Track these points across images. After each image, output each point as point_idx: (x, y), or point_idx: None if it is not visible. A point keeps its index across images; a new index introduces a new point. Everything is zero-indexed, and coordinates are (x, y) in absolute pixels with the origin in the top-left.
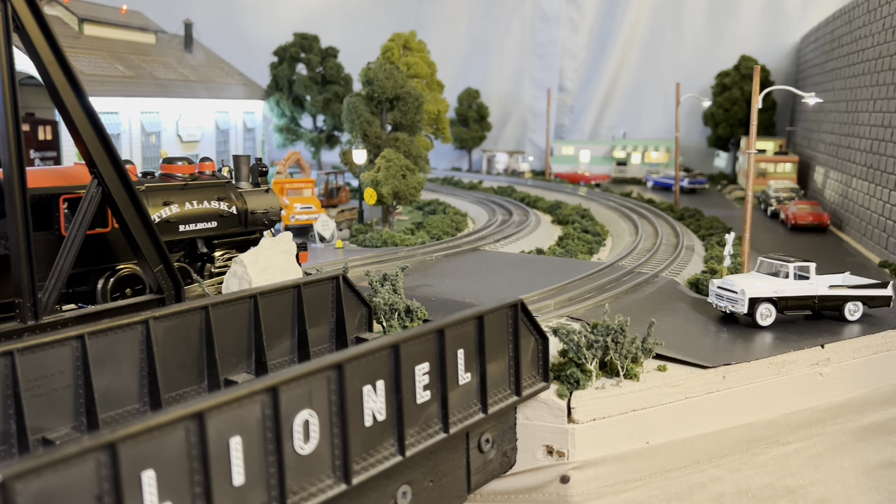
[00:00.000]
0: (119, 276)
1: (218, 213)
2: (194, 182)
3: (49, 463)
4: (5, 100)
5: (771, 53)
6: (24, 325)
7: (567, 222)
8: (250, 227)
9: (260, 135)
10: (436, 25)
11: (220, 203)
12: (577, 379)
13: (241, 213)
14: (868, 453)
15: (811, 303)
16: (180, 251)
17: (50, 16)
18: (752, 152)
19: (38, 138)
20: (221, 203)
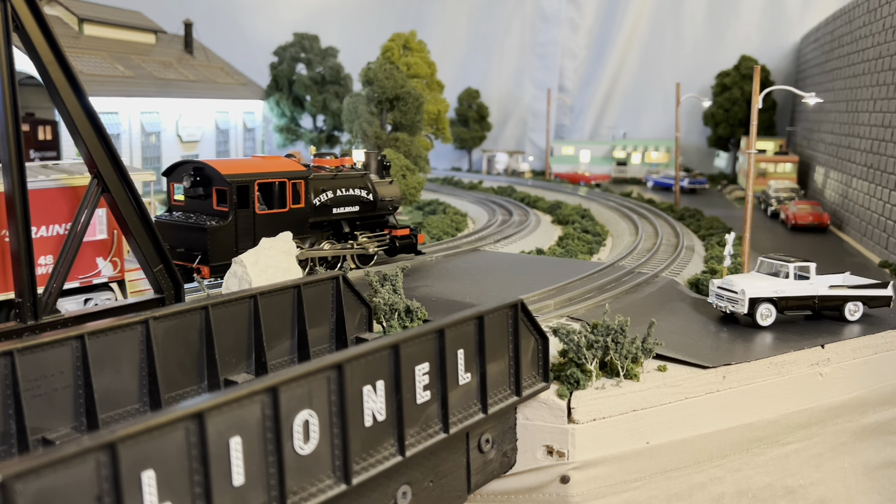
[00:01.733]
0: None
1: (359, 198)
2: (341, 173)
3: (49, 463)
4: (5, 100)
5: (771, 53)
6: (24, 325)
7: (567, 222)
8: (379, 211)
9: (260, 135)
10: (436, 25)
11: (360, 191)
12: (578, 379)
13: (374, 199)
14: (868, 453)
15: (811, 303)
16: (329, 230)
17: (50, 16)
18: (752, 152)
19: (38, 138)
20: (361, 191)
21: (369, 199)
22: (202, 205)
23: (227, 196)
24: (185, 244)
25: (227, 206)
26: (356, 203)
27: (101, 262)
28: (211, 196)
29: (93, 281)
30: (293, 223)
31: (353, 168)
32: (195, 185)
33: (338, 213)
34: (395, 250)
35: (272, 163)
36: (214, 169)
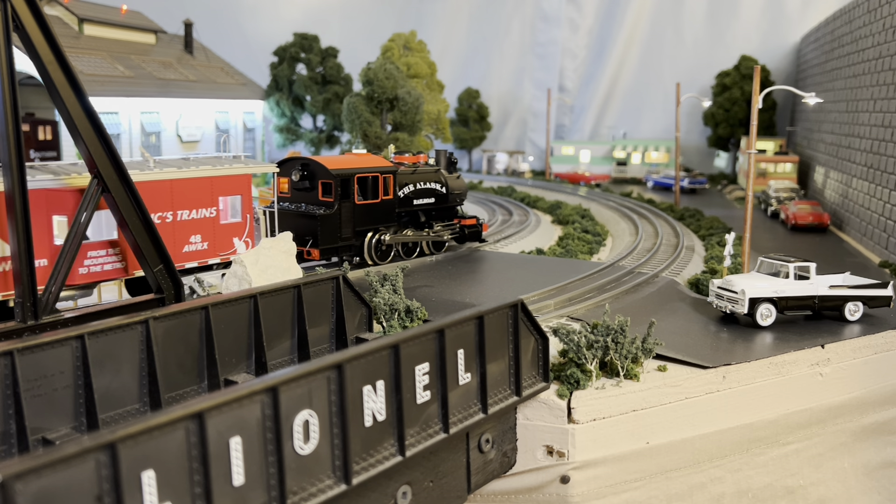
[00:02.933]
0: (378, 235)
1: (434, 191)
2: (419, 169)
3: (49, 463)
4: (5, 100)
5: (771, 53)
6: (24, 324)
7: (567, 222)
8: (450, 203)
9: (260, 135)
10: (436, 25)
11: (435, 184)
12: (578, 379)
13: (447, 192)
14: (868, 453)
15: (811, 303)
16: (408, 220)
17: (50, 16)
18: (752, 152)
19: (38, 138)
20: (436, 184)
21: (442, 191)
22: (308, 196)
23: (332, 188)
24: (297, 230)
25: (331, 197)
26: (432, 195)
27: (236, 241)
28: (316, 188)
29: (230, 258)
30: (383, 212)
31: (428, 164)
32: (302, 178)
33: (417, 204)
34: (463, 238)
35: (365, 159)
36: (321, 164)
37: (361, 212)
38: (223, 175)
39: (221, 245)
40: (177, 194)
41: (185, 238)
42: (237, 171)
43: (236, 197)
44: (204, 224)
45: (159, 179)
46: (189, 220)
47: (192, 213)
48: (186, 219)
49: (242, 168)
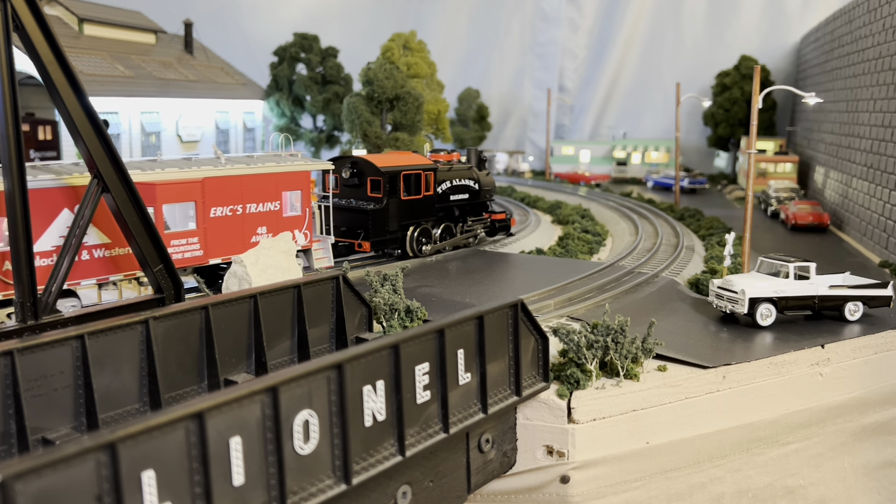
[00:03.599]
0: (421, 228)
1: (468, 188)
2: (455, 166)
3: (49, 463)
4: (5, 100)
5: (771, 53)
6: (24, 324)
7: (567, 222)
8: (481, 199)
9: (260, 135)
10: (436, 25)
11: (469, 181)
12: (578, 379)
13: (479, 188)
14: (868, 453)
15: (811, 303)
16: (443, 214)
17: (50, 16)
18: (752, 152)
19: (38, 138)
20: (469, 181)
21: (475, 188)
22: (356, 192)
23: (380, 185)
24: (348, 224)
25: (380, 193)
26: (466, 192)
27: (297, 233)
28: (365, 185)
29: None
30: (425, 208)
31: (461, 162)
32: (352, 175)
33: (453, 200)
34: (494, 231)
35: (407, 157)
36: (370, 162)
37: (406, 207)
38: (285, 172)
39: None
40: (245, 189)
41: (253, 229)
42: (298, 167)
43: (296, 192)
44: (269, 217)
45: (232, 175)
46: (256, 212)
47: (258, 206)
48: (254, 212)
49: (302, 165)
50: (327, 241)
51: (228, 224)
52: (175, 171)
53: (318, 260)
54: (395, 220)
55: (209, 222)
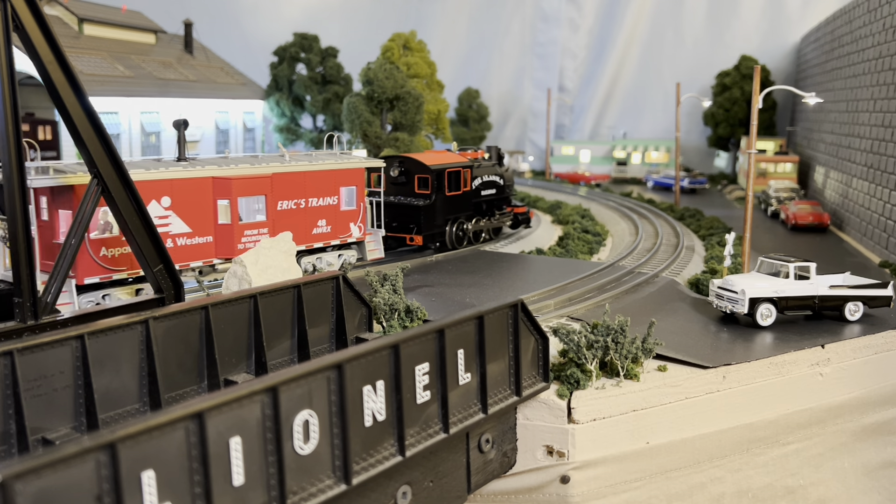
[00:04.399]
0: (459, 222)
1: (495, 183)
2: (483, 163)
3: (49, 463)
4: (5, 100)
5: (771, 53)
6: (24, 325)
7: (567, 222)
8: (505, 193)
9: (260, 135)
10: (436, 25)
11: (495, 177)
12: (578, 379)
13: (504, 183)
14: (868, 453)
15: (811, 303)
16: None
17: (50, 16)
18: (752, 152)
19: (38, 138)
20: (495, 177)
21: (501, 183)
22: (403, 189)
23: (429, 182)
24: (399, 219)
25: (428, 190)
26: (493, 187)
27: (352, 226)
28: (412, 182)
29: (347, 240)
30: (463, 203)
31: (485, 159)
32: (401, 173)
33: (484, 195)
34: (516, 223)
35: (448, 156)
36: (417, 161)
37: (450, 202)
38: (343, 169)
39: (341, 229)
40: (308, 184)
41: (314, 222)
42: (353, 165)
43: (352, 188)
44: (328, 210)
45: (296, 172)
46: (317, 206)
47: (319, 200)
48: (315, 206)
49: (358, 163)
50: (378, 234)
51: (293, 217)
52: (247, 167)
53: (371, 251)
54: (441, 215)
55: (276, 215)
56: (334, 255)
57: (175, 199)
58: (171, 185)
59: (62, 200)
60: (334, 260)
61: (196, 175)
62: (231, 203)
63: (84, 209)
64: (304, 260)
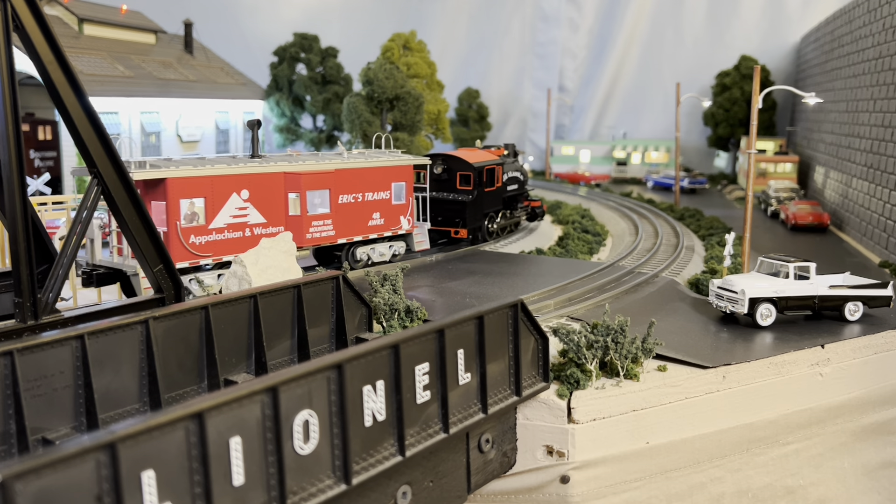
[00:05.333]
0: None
1: (517, 179)
2: (507, 160)
3: (49, 463)
4: (5, 100)
5: (771, 53)
6: (24, 324)
7: (567, 222)
8: (524, 189)
9: (260, 135)
10: (436, 25)
11: (517, 173)
12: (577, 379)
13: (523, 179)
14: (868, 453)
15: (811, 303)
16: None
17: (50, 16)
18: (752, 152)
19: (38, 138)
20: (517, 173)
21: (521, 178)
22: (446, 185)
23: (471, 178)
24: (444, 214)
25: (470, 186)
26: (516, 182)
27: (402, 219)
28: (454, 178)
29: (397, 232)
30: (496, 198)
31: (506, 156)
32: (444, 171)
33: (509, 190)
34: (533, 217)
35: (482, 154)
36: (460, 158)
37: (487, 197)
38: (394, 165)
39: (392, 221)
40: (364, 180)
41: (370, 215)
42: (403, 162)
43: (402, 183)
44: (381, 204)
45: (355, 168)
46: (372, 200)
47: (374, 195)
48: (370, 199)
49: (408, 160)
50: (424, 227)
51: (352, 210)
52: (312, 163)
53: (418, 243)
54: (481, 208)
55: (338, 208)
56: (386, 245)
57: (253, 193)
58: (249, 180)
59: (155, 193)
60: (386, 251)
61: (270, 170)
62: (300, 196)
63: (83, 209)
64: (359, 250)
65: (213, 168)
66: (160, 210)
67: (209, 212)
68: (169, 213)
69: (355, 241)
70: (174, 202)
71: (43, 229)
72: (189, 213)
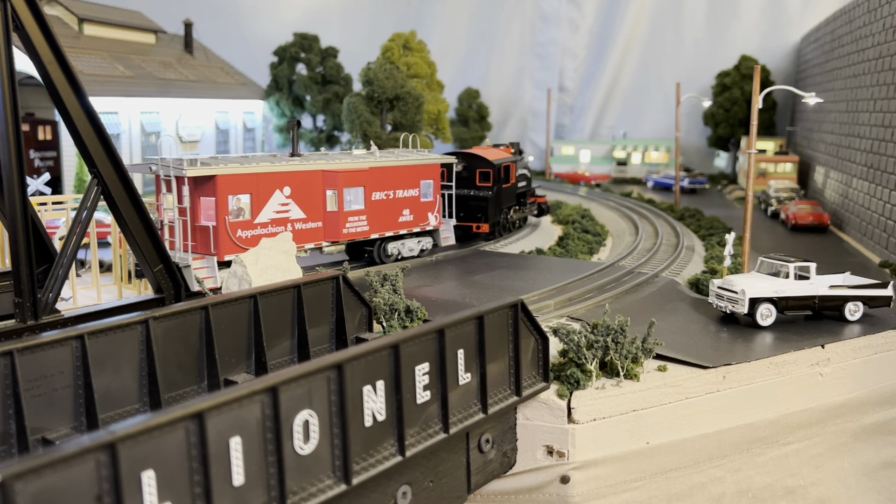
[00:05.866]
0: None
1: (525, 176)
2: (516, 158)
3: (49, 463)
4: (5, 100)
5: (771, 53)
6: (24, 324)
7: (567, 222)
8: (531, 186)
9: (260, 135)
10: (436, 25)
11: (525, 170)
12: (578, 379)
13: (530, 176)
14: (868, 453)
15: (811, 303)
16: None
17: (50, 16)
18: (752, 152)
19: (38, 138)
20: (525, 170)
21: (529, 175)
22: (465, 182)
23: (490, 175)
24: (466, 210)
25: (490, 182)
26: (525, 179)
27: (430, 215)
28: (474, 176)
29: (425, 228)
30: (510, 194)
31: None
32: (464, 168)
33: (520, 186)
34: (541, 212)
35: (497, 152)
36: (480, 156)
37: (504, 193)
38: (423, 164)
39: (420, 218)
40: (396, 178)
41: (400, 211)
42: (431, 160)
43: (430, 181)
44: (411, 201)
45: (387, 166)
46: (402, 197)
47: (404, 192)
48: (401, 196)
49: (435, 159)
50: (450, 223)
51: (384, 206)
52: (349, 161)
53: (445, 239)
54: (500, 204)
55: (372, 204)
56: (414, 240)
57: (294, 190)
58: (291, 177)
59: (204, 189)
60: (415, 245)
61: (310, 168)
62: (338, 193)
63: (83, 209)
64: (390, 245)
65: (259, 166)
66: (209, 205)
67: (254, 207)
68: (218, 208)
69: (387, 236)
70: (223, 198)
71: (43, 229)
72: (236, 209)
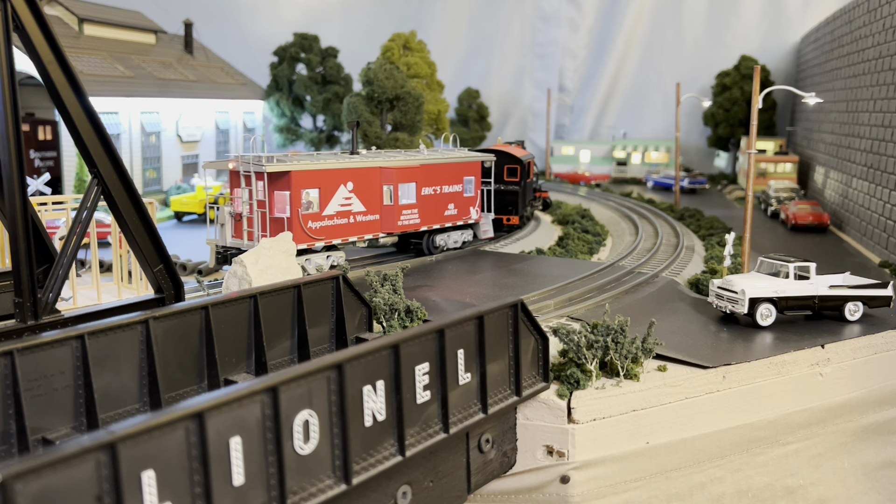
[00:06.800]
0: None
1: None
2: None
3: (49, 463)
4: (5, 100)
5: (771, 53)
6: (24, 324)
7: (567, 222)
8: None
9: (260, 135)
10: (436, 25)
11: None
12: (578, 379)
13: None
14: (868, 453)
15: (811, 303)
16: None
17: (50, 16)
18: (752, 152)
19: (38, 138)
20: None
21: (537, 172)
22: (494, 177)
23: (517, 171)
24: (498, 204)
25: (517, 178)
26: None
27: (472, 210)
28: (501, 171)
29: (467, 222)
30: (531, 189)
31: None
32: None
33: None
34: (546, 206)
35: (517, 150)
36: (506, 153)
37: (528, 187)
38: (466, 161)
39: (463, 212)
40: (442, 174)
41: (446, 205)
42: (473, 158)
43: (472, 177)
44: (455, 196)
45: (436, 163)
46: (448, 192)
47: (450, 187)
48: (447, 192)
49: (476, 156)
50: (489, 217)
51: (433, 201)
52: (402, 159)
53: (484, 231)
54: (525, 199)
55: (422, 199)
56: (458, 233)
57: (356, 185)
58: (353, 173)
59: (278, 184)
60: (458, 238)
61: (369, 165)
62: (393, 188)
63: (83, 209)
64: (437, 237)
65: (326, 163)
66: (283, 199)
67: (322, 201)
68: (292, 201)
69: (434, 228)
70: (297, 192)
71: (43, 229)
72: (306, 202)
